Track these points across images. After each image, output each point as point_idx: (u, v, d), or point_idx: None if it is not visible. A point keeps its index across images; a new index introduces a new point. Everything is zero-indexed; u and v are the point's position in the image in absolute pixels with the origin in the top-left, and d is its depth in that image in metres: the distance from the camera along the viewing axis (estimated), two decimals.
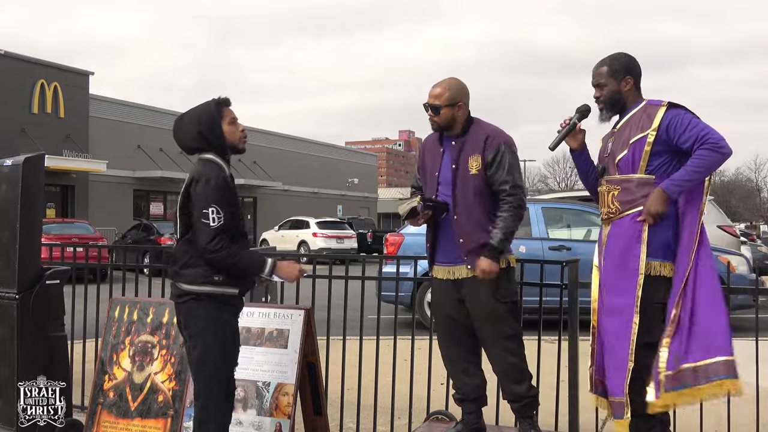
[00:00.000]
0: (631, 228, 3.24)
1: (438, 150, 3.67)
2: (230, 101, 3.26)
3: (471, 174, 3.52)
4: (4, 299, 3.99)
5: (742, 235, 18.35)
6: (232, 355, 3.23)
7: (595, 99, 3.43)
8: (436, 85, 3.61)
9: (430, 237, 3.70)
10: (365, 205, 48.39)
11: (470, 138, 3.58)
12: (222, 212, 3.05)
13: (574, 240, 9.54)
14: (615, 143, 3.36)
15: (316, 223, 27.74)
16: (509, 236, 3.51)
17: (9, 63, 24.91)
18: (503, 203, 3.52)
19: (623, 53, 3.43)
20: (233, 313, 3.23)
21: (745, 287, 4.81)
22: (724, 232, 11.64)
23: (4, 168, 4.07)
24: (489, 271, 3.46)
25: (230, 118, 3.20)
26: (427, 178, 3.71)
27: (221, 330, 3.16)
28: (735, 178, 66.61)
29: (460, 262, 3.58)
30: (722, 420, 4.05)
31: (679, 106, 3.26)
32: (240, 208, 3.22)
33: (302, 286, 4.47)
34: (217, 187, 3.07)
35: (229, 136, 3.19)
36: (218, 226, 3.04)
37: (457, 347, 3.69)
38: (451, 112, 3.56)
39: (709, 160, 3.14)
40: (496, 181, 3.51)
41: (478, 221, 3.52)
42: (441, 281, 3.68)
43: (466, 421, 3.75)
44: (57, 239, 14.23)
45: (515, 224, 3.52)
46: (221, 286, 3.14)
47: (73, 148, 26.68)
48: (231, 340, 3.21)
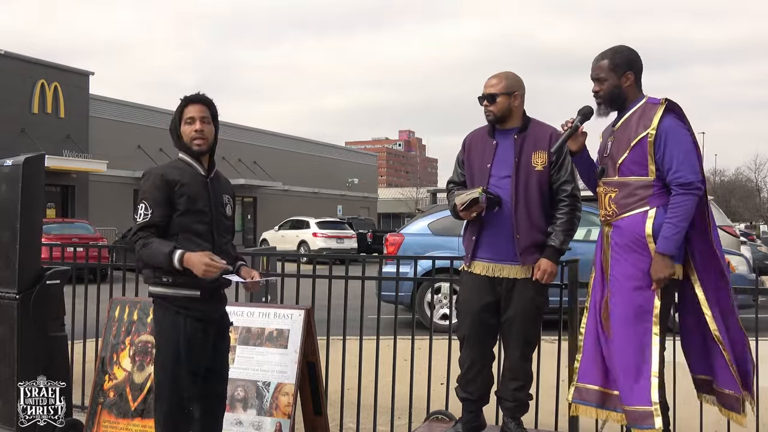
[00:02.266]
0: (631, 229, 3.18)
1: (490, 142, 3.61)
2: (200, 98, 3.15)
3: (536, 170, 3.51)
4: (4, 299, 3.99)
5: (742, 235, 18.35)
6: (188, 361, 3.06)
7: (593, 93, 3.32)
8: (492, 77, 3.60)
9: (473, 232, 3.61)
10: (365, 205, 48.38)
11: (532, 133, 3.57)
12: (151, 209, 3.03)
13: (574, 240, 9.51)
14: (615, 144, 3.27)
15: (316, 223, 27.73)
16: (569, 239, 3.54)
17: (9, 63, 24.91)
18: (563, 205, 3.54)
19: (625, 47, 3.32)
20: (195, 318, 3.07)
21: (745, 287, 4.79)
22: (724, 232, 11.64)
23: (4, 168, 4.07)
24: (551, 272, 3.48)
25: (187, 117, 3.11)
26: (476, 171, 3.64)
27: (174, 335, 3.04)
28: (735, 178, 66.59)
29: (509, 261, 3.53)
30: (722, 420, 4.05)
31: (676, 107, 3.18)
32: (186, 206, 3.07)
33: (302, 286, 4.48)
34: (149, 184, 3.06)
35: (185, 136, 3.12)
36: (143, 222, 3.02)
37: (480, 348, 3.64)
38: (507, 102, 3.55)
39: (687, 204, 3.08)
40: (558, 181, 3.53)
41: (535, 218, 3.52)
42: (476, 277, 3.60)
43: (465, 419, 3.74)
44: (57, 239, 14.24)
45: (575, 228, 3.56)
46: (174, 288, 3.05)
47: (73, 148, 26.68)
48: (186, 346, 3.04)
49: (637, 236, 3.16)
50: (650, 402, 3.09)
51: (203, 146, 3.12)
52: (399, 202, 58.83)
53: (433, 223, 9.91)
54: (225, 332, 3.29)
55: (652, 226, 3.14)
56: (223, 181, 3.31)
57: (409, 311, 9.39)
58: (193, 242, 3.05)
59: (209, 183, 3.17)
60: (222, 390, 3.29)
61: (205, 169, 3.17)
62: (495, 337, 3.66)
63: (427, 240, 9.49)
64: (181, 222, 3.06)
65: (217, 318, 3.20)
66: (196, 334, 3.07)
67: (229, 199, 3.29)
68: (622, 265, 3.21)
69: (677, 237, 3.10)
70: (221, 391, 3.29)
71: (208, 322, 3.13)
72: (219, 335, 3.22)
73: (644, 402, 3.11)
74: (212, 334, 3.15)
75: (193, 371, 3.07)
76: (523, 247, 3.50)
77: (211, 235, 3.12)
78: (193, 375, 3.08)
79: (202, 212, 3.10)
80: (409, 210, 55.36)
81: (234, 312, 4.09)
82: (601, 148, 3.43)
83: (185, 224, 3.06)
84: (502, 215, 3.50)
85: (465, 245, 3.68)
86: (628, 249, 3.19)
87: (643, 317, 3.13)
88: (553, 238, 3.51)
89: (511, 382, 3.62)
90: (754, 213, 60.58)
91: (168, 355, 3.06)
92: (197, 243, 3.05)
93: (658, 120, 3.14)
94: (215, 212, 3.16)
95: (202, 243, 3.06)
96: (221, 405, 3.31)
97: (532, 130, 3.59)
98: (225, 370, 3.31)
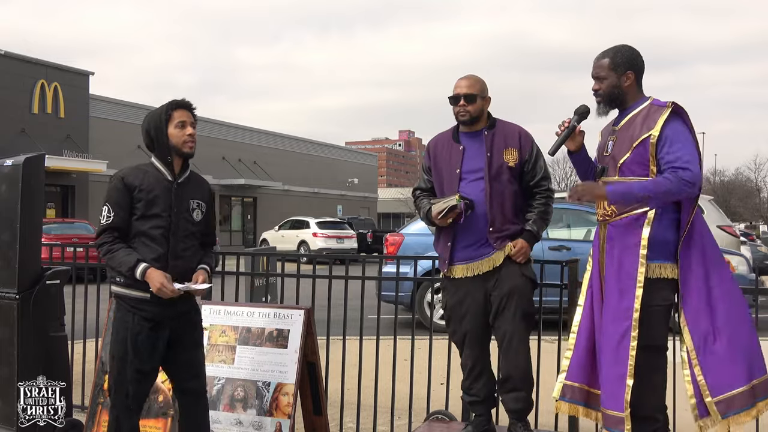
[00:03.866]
0: (628, 231, 3.16)
1: (456, 147, 3.65)
2: (187, 104, 3.26)
3: (508, 166, 3.57)
4: (4, 299, 3.99)
5: (742, 235, 18.36)
6: (136, 360, 3.13)
7: (593, 92, 3.31)
8: (464, 78, 3.64)
9: (448, 237, 3.63)
10: (365, 205, 48.37)
11: (500, 131, 3.63)
12: (113, 211, 3.13)
13: (574, 240, 9.54)
14: (616, 145, 3.25)
15: (316, 223, 27.73)
16: (544, 226, 3.65)
17: (9, 63, 24.91)
18: (540, 196, 3.64)
19: (627, 46, 3.29)
20: (145, 318, 3.15)
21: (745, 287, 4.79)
22: (724, 232, 11.64)
23: (4, 168, 4.07)
24: (524, 252, 3.55)
25: (178, 120, 3.21)
26: (445, 177, 3.67)
27: (123, 333, 3.15)
28: (735, 178, 66.49)
29: (486, 255, 3.56)
30: None
31: (682, 111, 3.15)
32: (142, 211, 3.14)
33: (302, 286, 4.48)
34: (111, 186, 3.19)
35: (174, 139, 3.21)
36: (105, 224, 3.15)
37: (477, 349, 3.65)
38: (482, 103, 3.62)
39: (670, 190, 3.04)
40: (535, 178, 3.61)
41: (508, 212, 3.57)
42: (458, 281, 3.63)
43: (476, 423, 3.73)
44: (57, 239, 14.24)
45: (549, 217, 3.66)
46: (127, 288, 3.16)
47: (73, 148, 26.68)
48: (133, 346, 3.13)
49: (633, 240, 3.14)
50: (623, 408, 3.09)
51: (194, 149, 3.26)
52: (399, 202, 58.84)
53: None
54: (190, 330, 3.32)
55: (651, 229, 3.12)
56: (195, 186, 3.33)
57: (409, 311, 9.39)
58: (146, 246, 3.14)
59: (175, 188, 3.22)
60: (196, 387, 3.33)
61: (174, 173, 3.23)
62: (490, 334, 3.67)
63: (427, 240, 9.47)
64: (137, 225, 3.16)
65: (173, 318, 3.23)
66: (142, 334, 3.15)
67: (198, 204, 3.30)
68: (614, 266, 3.21)
69: (630, 200, 3.12)
70: (196, 388, 3.33)
71: (159, 323, 3.19)
72: (180, 334, 3.27)
73: (618, 408, 3.11)
74: (164, 334, 3.21)
75: (137, 369, 3.15)
76: (496, 237, 3.55)
77: (166, 240, 3.17)
78: (138, 373, 3.16)
79: (158, 217, 3.17)
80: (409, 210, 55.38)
81: (234, 312, 4.10)
82: (600, 146, 3.41)
83: (140, 228, 3.16)
84: (476, 214, 3.54)
85: (440, 251, 3.71)
86: (622, 251, 3.18)
87: (625, 321, 3.12)
88: (531, 224, 3.60)
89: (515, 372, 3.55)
90: (754, 213, 60.55)
91: (116, 352, 3.18)
92: (151, 247, 3.14)
93: (663, 122, 3.12)
94: (176, 217, 3.20)
95: (155, 247, 3.15)
96: (198, 402, 3.34)
97: (499, 128, 3.65)
98: (196, 366, 3.34)
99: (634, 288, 3.12)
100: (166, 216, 3.17)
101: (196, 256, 3.29)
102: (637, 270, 3.12)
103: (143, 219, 3.15)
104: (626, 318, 3.12)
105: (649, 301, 3.12)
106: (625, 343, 3.11)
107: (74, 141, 26.77)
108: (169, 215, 3.18)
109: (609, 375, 3.17)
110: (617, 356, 3.13)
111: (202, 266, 3.30)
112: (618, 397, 3.11)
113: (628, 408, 3.08)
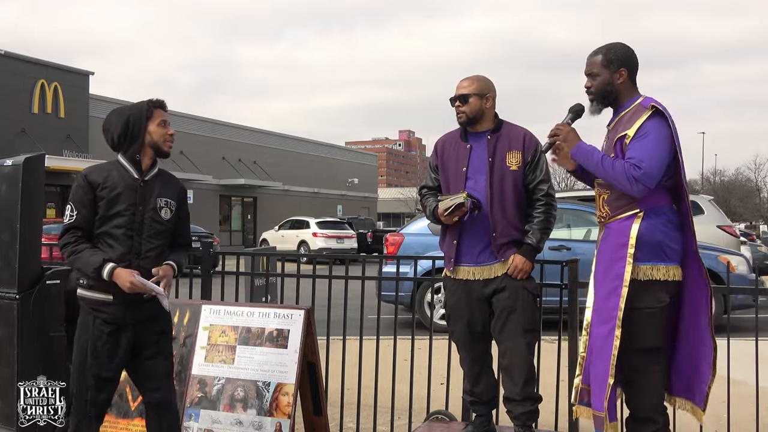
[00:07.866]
0: (619, 232, 3.14)
1: (463, 146, 3.64)
2: (165, 105, 3.26)
3: (511, 169, 3.54)
4: (4, 299, 3.99)
5: (742, 235, 18.34)
6: (95, 366, 3.06)
7: (585, 89, 3.27)
8: (464, 79, 3.64)
9: (453, 236, 3.62)
10: (365, 205, 48.39)
11: (506, 134, 3.60)
12: (76, 210, 3.11)
13: (574, 240, 9.54)
14: (607, 144, 3.25)
15: (316, 223, 27.74)
16: (546, 238, 3.57)
17: (9, 63, 24.93)
18: (539, 204, 3.57)
19: (620, 43, 3.26)
20: (105, 321, 3.08)
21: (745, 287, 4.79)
22: (724, 232, 11.64)
23: (4, 168, 4.06)
24: (522, 269, 3.51)
25: (160, 119, 3.19)
26: (450, 175, 3.66)
27: (84, 336, 3.10)
28: (735, 178, 66.51)
29: (490, 262, 3.55)
30: (722, 420, 4.05)
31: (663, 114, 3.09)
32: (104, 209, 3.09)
33: (302, 286, 4.48)
34: (75, 185, 3.16)
35: (155, 136, 3.17)
36: (68, 223, 3.13)
37: (476, 349, 3.66)
38: (479, 103, 3.58)
39: (616, 176, 3.07)
40: (534, 181, 3.56)
41: (512, 217, 3.54)
42: (461, 282, 3.62)
43: (477, 423, 3.73)
44: (57, 239, 14.22)
45: (551, 227, 3.58)
46: (90, 291, 3.10)
47: (73, 148, 26.69)
48: (92, 351, 3.06)
49: (622, 242, 3.12)
50: (602, 407, 3.09)
51: (171, 148, 3.25)
52: (399, 202, 58.86)
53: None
54: (154, 338, 3.20)
55: (639, 230, 3.10)
56: (164, 184, 3.25)
57: (409, 311, 9.39)
58: (108, 245, 3.10)
59: (140, 185, 3.16)
60: (158, 400, 3.20)
61: (141, 171, 3.18)
62: (490, 335, 3.66)
63: (427, 240, 9.48)
64: (100, 225, 3.12)
65: (137, 323, 3.14)
66: (102, 338, 3.08)
67: (167, 202, 3.22)
68: (604, 266, 3.21)
69: (589, 159, 3.16)
70: (158, 401, 3.20)
71: (122, 327, 3.11)
72: (143, 340, 3.17)
73: (599, 407, 3.12)
74: (127, 339, 3.12)
75: (96, 375, 3.07)
76: (500, 245, 3.53)
77: (129, 239, 3.11)
78: (97, 379, 3.07)
79: (120, 215, 3.11)
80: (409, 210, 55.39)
81: (234, 312, 4.10)
82: (602, 147, 3.41)
83: (102, 227, 3.12)
84: (480, 217, 3.53)
85: (445, 249, 3.68)
86: (612, 251, 3.16)
87: (609, 322, 3.11)
88: (530, 236, 3.54)
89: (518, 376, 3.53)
90: (753, 213, 60.56)
91: (76, 355, 3.12)
92: (114, 247, 3.09)
93: (641, 123, 3.08)
94: (141, 216, 3.14)
95: (117, 247, 3.09)
96: (162, 416, 3.20)
97: (505, 130, 3.62)
98: (156, 378, 3.20)
99: (620, 288, 3.10)
100: (129, 215, 3.10)
101: (162, 256, 3.19)
102: (622, 272, 3.10)
103: (106, 218, 3.10)
104: (611, 318, 3.11)
105: (638, 303, 3.10)
106: (609, 343, 3.09)
107: (74, 141, 26.78)
108: (133, 213, 3.11)
109: (595, 375, 3.17)
110: (602, 356, 3.12)
111: (168, 262, 3.20)
112: (600, 396, 3.11)
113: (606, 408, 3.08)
